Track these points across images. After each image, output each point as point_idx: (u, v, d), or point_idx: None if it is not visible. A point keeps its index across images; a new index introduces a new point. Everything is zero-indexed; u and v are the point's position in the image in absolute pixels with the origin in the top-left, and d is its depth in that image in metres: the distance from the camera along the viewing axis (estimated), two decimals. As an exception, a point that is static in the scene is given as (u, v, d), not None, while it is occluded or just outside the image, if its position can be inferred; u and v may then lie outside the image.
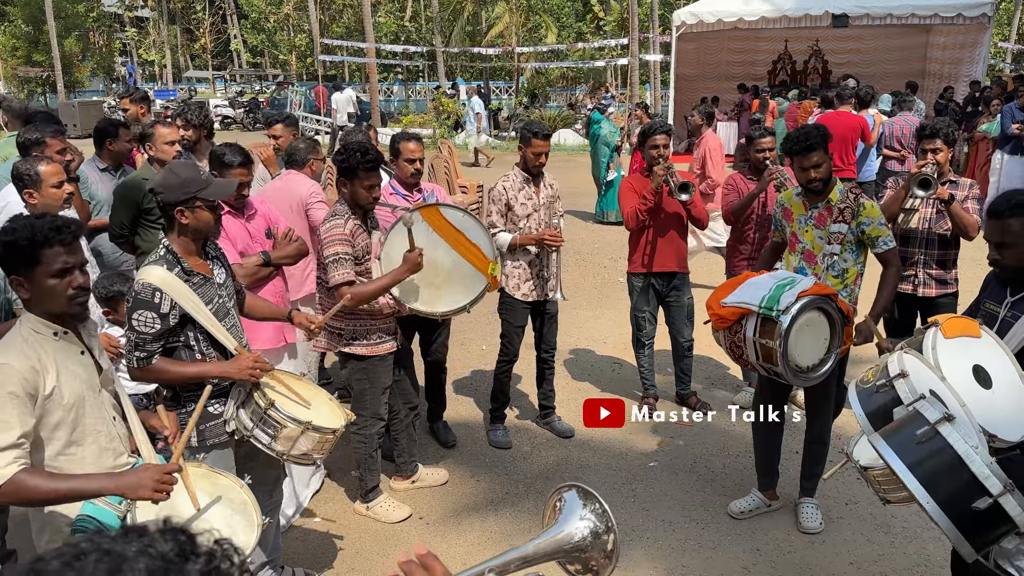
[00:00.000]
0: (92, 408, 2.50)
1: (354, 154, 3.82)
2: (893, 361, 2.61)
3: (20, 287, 2.37)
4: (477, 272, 4.12)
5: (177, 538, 0.82)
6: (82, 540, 0.81)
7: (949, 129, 4.53)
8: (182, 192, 2.89)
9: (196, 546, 0.83)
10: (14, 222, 2.36)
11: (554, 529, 1.62)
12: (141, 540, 0.81)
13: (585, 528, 1.62)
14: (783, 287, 3.59)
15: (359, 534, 4.16)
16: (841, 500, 4.39)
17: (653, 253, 5.19)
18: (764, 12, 17.02)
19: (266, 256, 3.97)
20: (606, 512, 1.62)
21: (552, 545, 1.61)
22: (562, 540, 1.61)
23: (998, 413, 2.59)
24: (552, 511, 1.69)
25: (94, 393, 2.52)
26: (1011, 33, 27.98)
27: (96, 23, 43.71)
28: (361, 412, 4.08)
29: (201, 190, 2.91)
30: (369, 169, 3.84)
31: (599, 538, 1.62)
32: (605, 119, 11.88)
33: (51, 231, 2.34)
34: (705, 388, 5.89)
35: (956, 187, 4.48)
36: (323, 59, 28.06)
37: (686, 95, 20.00)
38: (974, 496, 2.15)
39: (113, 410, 2.63)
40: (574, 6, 39.05)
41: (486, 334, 6.96)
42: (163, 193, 2.91)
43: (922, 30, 18.91)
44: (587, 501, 1.64)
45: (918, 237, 4.55)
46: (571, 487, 1.68)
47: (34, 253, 2.33)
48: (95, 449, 2.51)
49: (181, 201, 2.90)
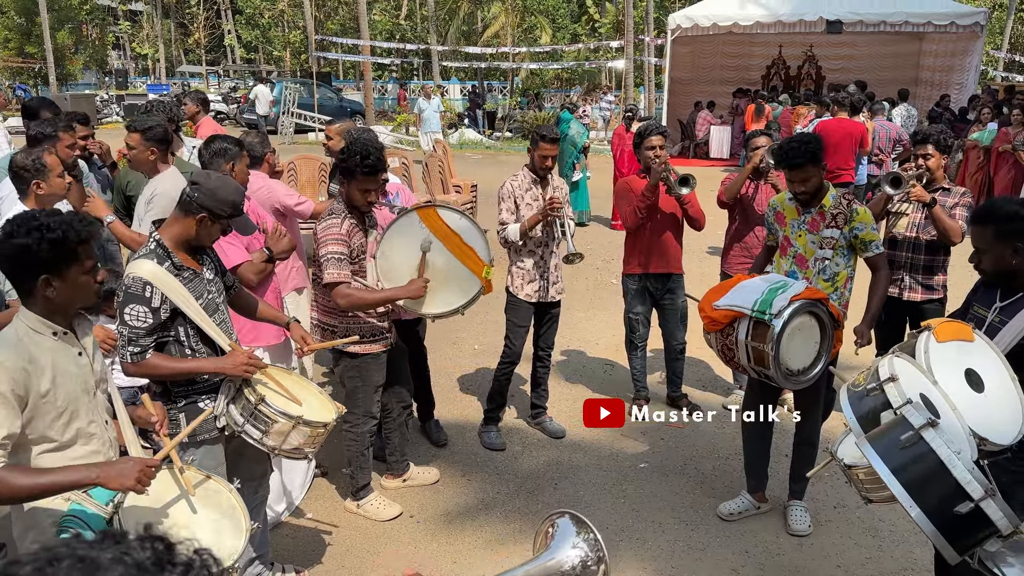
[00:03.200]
0: (86, 410, 2.48)
1: (354, 156, 3.82)
2: (884, 365, 2.63)
3: (48, 286, 2.31)
4: (472, 275, 4.11)
5: (155, 546, 0.81)
6: (58, 545, 0.80)
7: (941, 136, 4.56)
8: (218, 207, 2.94)
9: (174, 555, 0.81)
10: (47, 220, 2.29)
11: (545, 556, 1.61)
12: (117, 547, 0.79)
13: (576, 557, 1.61)
14: (775, 291, 3.61)
15: (349, 532, 4.16)
16: (830, 503, 4.42)
17: (649, 255, 5.20)
18: (759, 17, 17.10)
19: (269, 252, 3.98)
20: (598, 541, 1.61)
21: (541, 571, 1.60)
22: (551, 568, 1.60)
23: (989, 417, 2.61)
24: (544, 537, 1.67)
25: (88, 395, 2.50)
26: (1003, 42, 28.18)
27: (89, 16, 43.50)
28: (353, 410, 4.08)
29: (232, 217, 3.01)
30: (367, 173, 3.84)
31: (588, 568, 1.61)
32: (574, 119, 11.91)
33: (86, 227, 2.35)
34: (696, 390, 5.92)
35: (948, 194, 4.52)
36: (317, 56, 28.00)
37: (680, 98, 20.08)
38: (956, 501, 2.17)
39: (106, 412, 2.61)
40: (569, 8, 39.12)
41: (478, 334, 6.97)
42: (201, 195, 2.93)
43: (915, 38, 19.03)
44: (580, 529, 1.63)
45: (906, 241, 4.60)
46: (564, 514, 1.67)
47: (75, 250, 2.32)
48: (86, 451, 2.48)
49: (210, 211, 2.93)
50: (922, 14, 16.29)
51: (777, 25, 17.16)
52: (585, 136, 11.67)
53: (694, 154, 19.52)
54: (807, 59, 20.43)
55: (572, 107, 15.53)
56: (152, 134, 4.56)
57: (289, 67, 39.09)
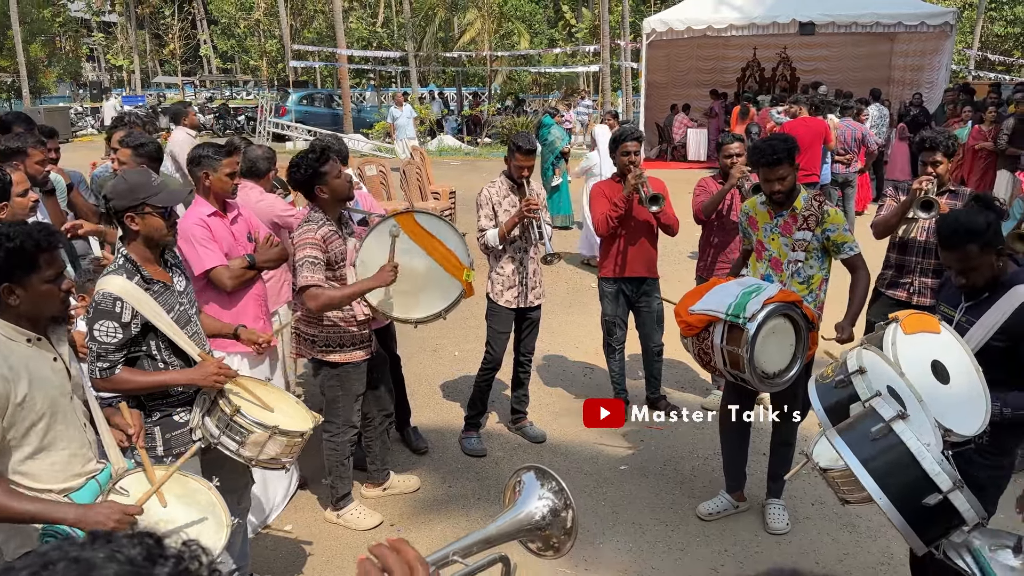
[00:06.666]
0: (64, 415, 2.50)
1: (304, 159, 3.86)
2: (852, 357, 2.66)
3: (10, 294, 2.35)
4: (452, 279, 4.10)
5: (144, 542, 0.82)
6: (49, 548, 0.81)
7: (949, 141, 4.45)
8: (131, 198, 2.91)
9: (164, 549, 0.83)
10: (6, 229, 2.34)
11: (514, 510, 1.68)
12: (109, 546, 0.81)
13: (544, 507, 1.68)
14: (749, 294, 3.65)
15: (329, 542, 4.16)
16: (807, 500, 4.47)
17: (624, 259, 5.25)
18: (732, 20, 17.24)
19: (251, 258, 3.98)
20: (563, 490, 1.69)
21: (513, 525, 1.67)
22: (523, 520, 1.67)
23: (954, 408, 2.65)
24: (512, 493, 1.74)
25: (66, 400, 2.52)
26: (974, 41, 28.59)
27: (62, 28, 43.07)
28: (333, 419, 4.09)
29: (150, 196, 2.92)
30: (325, 160, 3.88)
31: (558, 515, 1.68)
32: (555, 124, 11.97)
33: (47, 236, 2.37)
34: (675, 392, 5.96)
35: (956, 197, 4.44)
36: (294, 64, 27.90)
37: (657, 101, 20.19)
38: (925, 492, 2.22)
39: (83, 416, 2.63)
40: (546, 13, 39.24)
41: (459, 340, 6.98)
42: (113, 199, 2.93)
43: (887, 38, 19.26)
44: (545, 480, 1.70)
45: (916, 246, 4.52)
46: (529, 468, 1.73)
47: (34, 259, 2.34)
48: (65, 455, 2.51)
49: (130, 207, 2.91)
50: (892, 14, 16.50)
51: (751, 27, 17.31)
52: (566, 141, 11.72)
53: (672, 157, 19.64)
54: (781, 61, 20.61)
55: (553, 111, 15.59)
56: (144, 151, 4.56)
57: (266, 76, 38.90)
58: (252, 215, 4.27)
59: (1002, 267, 2.97)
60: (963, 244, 2.90)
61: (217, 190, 4.00)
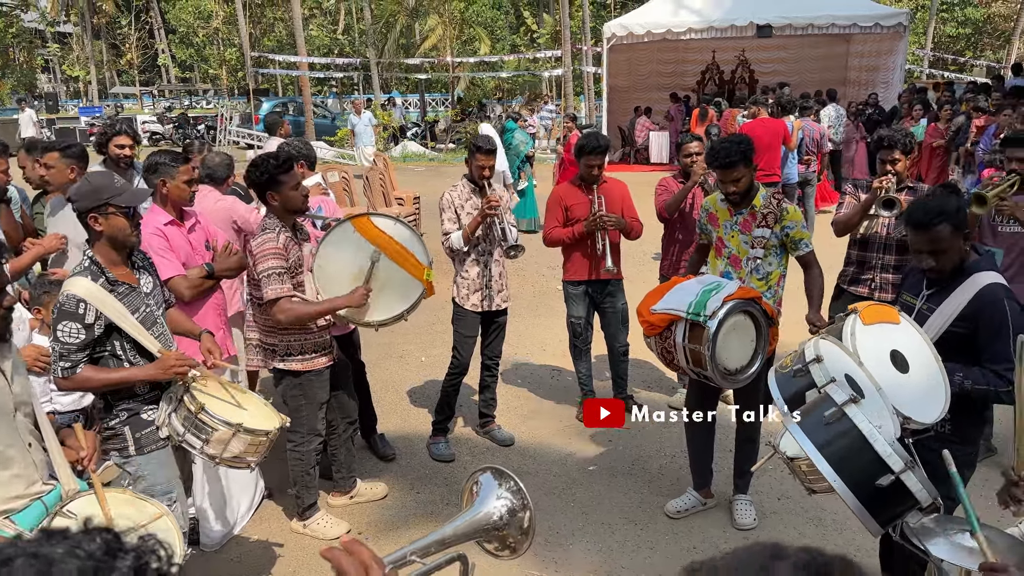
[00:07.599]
0: (4, 433, 2.42)
1: (266, 162, 3.83)
2: (810, 347, 2.70)
3: None
4: (412, 278, 4.04)
5: (103, 536, 0.82)
6: (5, 546, 0.80)
7: (907, 139, 4.52)
8: (94, 199, 2.94)
9: (122, 543, 0.82)
10: None
11: (472, 511, 1.67)
12: (67, 541, 0.80)
13: (502, 507, 1.68)
14: (709, 292, 3.67)
15: (296, 552, 4.10)
16: (774, 495, 4.51)
17: (588, 262, 5.27)
18: (691, 23, 17.46)
19: (210, 268, 3.93)
20: (521, 490, 1.69)
21: (471, 526, 1.66)
22: (480, 520, 1.67)
23: (913, 396, 2.68)
24: (469, 495, 1.73)
25: (7, 417, 2.44)
26: (927, 41, 29.25)
27: (16, 39, 42.27)
28: (298, 429, 4.03)
29: (113, 197, 2.96)
30: (287, 170, 3.85)
31: (515, 515, 1.68)
32: (519, 128, 12.02)
33: None
34: (642, 391, 5.99)
35: (915, 193, 4.49)
36: (255, 72, 27.65)
37: (619, 105, 20.36)
38: (878, 474, 2.25)
39: (30, 435, 2.55)
40: (508, 19, 39.35)
41: (425, 345, 6.95)
42: (77, 201, 2.96)
43: (842, 39, 19.64)
44: (503, 481, 1.69)
45: (877, 242, 4.55)
46: (486, 469, 1.73)
47: None
48: (6, 476, 2.43)
49: (93, 208, 2.94)
50: (847, 16, 16.83)
51: (709, 31, 17.53)
52: (530, 145, 11.76)
53: (635, 160, 19.78)
54: (740, 63, 20.89)
55: (516, 116, 15.64)
56: (71, 151, 4.48)
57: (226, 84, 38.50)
58: (210, 223, 4.22)
59: (967, 253, 3.03)
60: (936, 224, 2.92)
61: (175, 198, 3.95)
